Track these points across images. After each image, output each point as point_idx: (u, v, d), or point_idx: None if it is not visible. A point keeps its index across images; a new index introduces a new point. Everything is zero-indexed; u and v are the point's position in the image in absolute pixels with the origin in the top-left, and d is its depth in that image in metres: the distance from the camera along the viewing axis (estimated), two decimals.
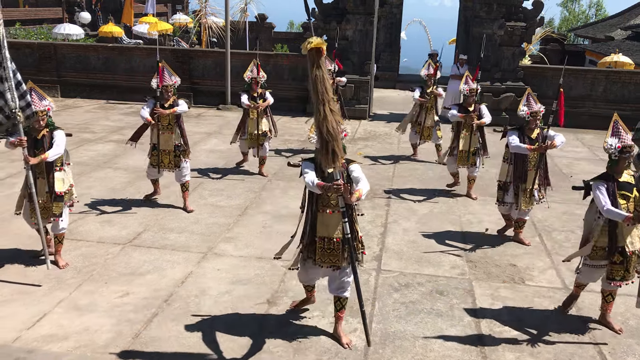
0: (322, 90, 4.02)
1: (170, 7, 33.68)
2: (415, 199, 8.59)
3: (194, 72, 15.55)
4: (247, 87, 9.10)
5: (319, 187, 4.32)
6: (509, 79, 14.30)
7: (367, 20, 14.28)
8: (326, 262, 4.65)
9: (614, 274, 4.99)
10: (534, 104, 6.61)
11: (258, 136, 9.18)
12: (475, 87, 8.36)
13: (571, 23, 47.18)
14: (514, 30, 14.04)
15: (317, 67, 4.00)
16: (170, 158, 7.63)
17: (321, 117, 4.05)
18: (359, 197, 4.31)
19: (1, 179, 8.74)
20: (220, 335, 4.89)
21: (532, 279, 6.16)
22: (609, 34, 26.09)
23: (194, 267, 6.13)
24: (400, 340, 4.91)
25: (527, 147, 6.48)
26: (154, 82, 7.50)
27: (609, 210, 4.75)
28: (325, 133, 4.07)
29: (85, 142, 11.13)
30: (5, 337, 4.73)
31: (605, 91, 14.46)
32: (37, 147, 5.68)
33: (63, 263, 6.04)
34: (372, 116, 14.95)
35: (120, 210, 7.67)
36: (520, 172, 6.67)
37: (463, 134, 8.37)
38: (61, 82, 15.64)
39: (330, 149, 4.10)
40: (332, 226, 4.60)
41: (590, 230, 5.15)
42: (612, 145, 4.87)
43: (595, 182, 4.93)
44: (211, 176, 9.32)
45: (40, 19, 24.35)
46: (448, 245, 6.95)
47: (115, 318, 5.09)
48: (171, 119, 7.55)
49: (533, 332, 5.13)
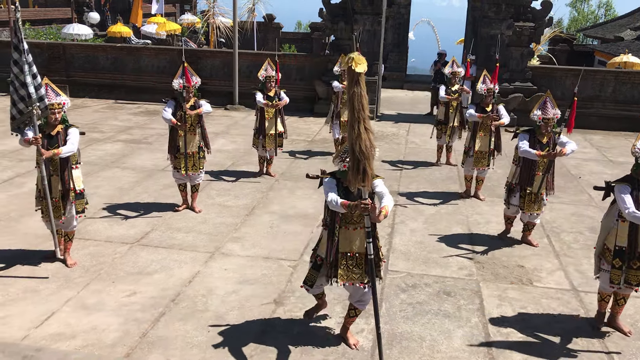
0: (359, 107, 3.94)
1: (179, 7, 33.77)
2: (422, 199, 8.57)
3: (202, 72, 15.54)
4: (262, 86, 8.98)
5: (343, 207, 4.20)
6: (517, 80, 14.24)
7: (375, 20, 14.27)
8: (349, 278, 4.52)
9: (630, 278, 4.87)
10: (550, 109, 6.42)
11: (275, 136, 9.07)
12: (493, 87, 8.26)
13: (580, 23, 46.95)
14: (522, 31, 13.98)
15: (357, 84, 3.93)
16: (195, 160, 7.49)
17: (355, 134, 3.97)
18: (386, 214, 4.21)
19: (10, 179, 8.79)
20: (227, 334, 4.90)
21: (540, 281, 6.13)
22: (618, 34, 25.92)
23: (201, 267, 6.14)
24: (407, 341, 4.90)
25: (536, 152, 6.40)
26: (176, 82, 7.27)
27: (633, 213, 4.60)
28: (357, 152, 3.98)
29: (93, 141, 11.19)
30: (13, 335, 4.76)
31: (614, 92, 14.37)
32: (51, 144, 5.71)
33: (72, 262, 6.07)
34: (380, 116, 14.94)
35: (128, 209, 7.70)
36: (527, 175, 6.61)
37: (480, 135, 8.26)
38: (70, 81, 15.73)
39: (361, 167, 4.02)
40: (354, 242, 4.50)
41: (606, 234, 5.04)
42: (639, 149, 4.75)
43: (619, 184, 4.82)
44: (219, 176, 9.34)
45: (50, 19, 24.47)
46: (455, 246, 6.92)
47: (122, 317, 5.11)
48: (194, 120, 7.40)
49: (541, 333, 5.10)
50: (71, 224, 6.01)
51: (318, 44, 24.72)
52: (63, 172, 5.80)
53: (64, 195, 5.84)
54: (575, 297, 5.77)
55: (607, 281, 5.00)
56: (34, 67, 5.49)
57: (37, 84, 5.48)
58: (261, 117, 9.02)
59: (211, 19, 22.54)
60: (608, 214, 5.08)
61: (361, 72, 3.90)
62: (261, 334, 4.92)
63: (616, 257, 4.89)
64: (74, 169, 5.91)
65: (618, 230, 4.88)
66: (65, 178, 5.81)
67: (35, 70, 5.51)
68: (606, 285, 5.05)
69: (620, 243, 4.87)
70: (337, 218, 4.44)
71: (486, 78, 8.36)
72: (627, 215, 4.67)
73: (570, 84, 14.42)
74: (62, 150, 5.66)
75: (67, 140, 5.76)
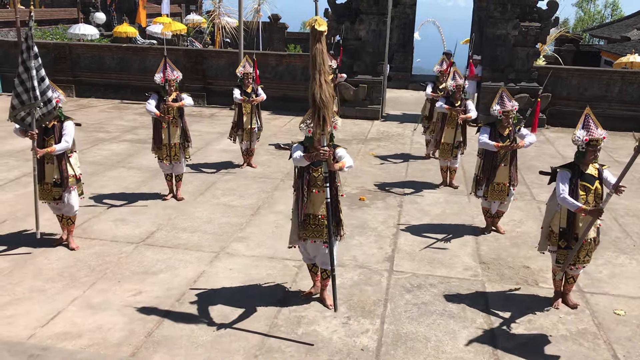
0: (320, 61, 4.48)
1: (184, 7, 33.84)
2: (427, 199, 8.56)
3: (207, 72, 15.61)
4: (240, 82, 9.35)
5: (305, 159, 4.75)
6: (523, 80, 14.19)
7: (380, 20, 14.26)
8: (311, 236, 5.06)
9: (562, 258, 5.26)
10: (507, 102, 6.79)
11: (251, 131, 9.47)
12: (462, 84, 8.67)
13: (586, 23, 46.77)
14: (528, 31, 13.94)
15: (318, 42, 4.48)
16: (176, 150, 7.86)
17: (317, 84, 4.49)
18: (342, 166, 4.77)
19: (17, 178, 8.83)
20: (232, 334, 4.90)
21: (545, 282, 6.11)
22: (624, 34, 25.80)
23: (206, 267, 6.15)
24: (412, 342, 4.89)
25: (494, 144, 6.75)
26: (157, 76, 7.71)
27: (565, 198, 4.99)
28: (318, 100, 4.50)
29: (99, 141, 11.22)
30: (20, 334, 4.79)
31: (620, 92, 14.31)
32: (46, 135, 6.02)
33: (74, 245, 6.40)
34: (385, 117, 14.93)
35: (134, 209, 7.73)
36: (488, 167, 6.91)
37: (447, 128, 8.70)
38: (76, 82, 15.80)
39: (321, 115, 4.53)
40: (317, 204, 5.00)
41: (552, 216, 5.35)
42: (580, 137, 5.06)
43: (561, 170, 5.16)
44: (224, 176, 9.35)
45: (56, 19, 24.55)
46: (461, 246, 6.91)
47: (128, 316, 5.12)
48: (176, 113, 7.79)
49: (546, 334, 5.09)
50: (73, 208, 6.35)
51: None
52: (60, 162, 6.10)
53: (62, 182, 6.14)
54: (581, 297, 5.75)
55: (554, 261, 5.41)
56: (42, 70, 5.66)
57: (45, 87, 5.68)
58: (239, 112, 9.45)
59: (217, 19, 22.58)
60: (552, 197, 5.37)
61: (322, 30, 4.47)
62: (266, 334, 4.92)
63: (561, 238, 5.24)
64: (70, 157, 6.22)
65: (561, 214, 5.22)
66: (62, 167, 6.10)
67: (44, 73, 5.70)
68: (554, 264, 5.43)
69: (562, 225, 5.21)
70: (305, 181, 4.94)
71: (456, 75, 8.77)
72: (559, 199, 5.06)
73: (577, 84, 14.38)
74: (56, 148, 5.95)
75: (62, 135, 6.03)
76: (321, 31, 4.47)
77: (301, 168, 4.95)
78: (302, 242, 5.18)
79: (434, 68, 10.45)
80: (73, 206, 6.33)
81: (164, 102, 7.68)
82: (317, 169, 4.94)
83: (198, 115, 13.69)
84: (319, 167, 4.91)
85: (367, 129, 13.41)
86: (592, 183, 5.09)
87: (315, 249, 5.20)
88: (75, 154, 6.39)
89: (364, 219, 7.57)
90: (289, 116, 14.00)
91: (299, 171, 5.01)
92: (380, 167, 10.15)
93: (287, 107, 14.32)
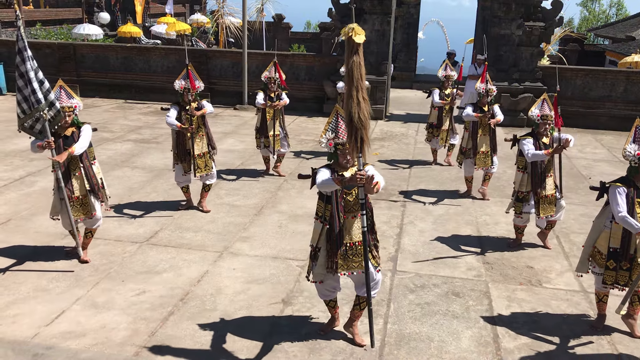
0: (358, 76, 4.00)
1: (188, 7, 33.89)
2: (431, 199, 8.55)
3: (211, 72, 15.63)
4: (264, 86, 9.05)
5: (336, 183, 4.20)
6: (528, 80, 14.16)
7: (384, 20, 14.25)
8: (349, 267, 4.54)
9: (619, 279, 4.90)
10: (547, 108, 6.48)
11: (274, 137, 9.10)
12: (491, 88, 8.27)
13: (591, 23, 46.64)
14: (532, 30, 13.91)
15: (356, 54, 3.99)
16: (205, 161, 7.50)
17: (354, 103, 4.01)
18: (378, 188, 4.20)
19: (21, 178, 8.86)
20: (236, 334, 4.91)
21: (549, 282, 6.10)
22: (629, 33, 25.69)
23: (210, 266, 6.16)
24: (416, 342, 4.89)
25: (544, 152, 6.34)
26: (177, 83, 7.29)
27: (624, 217, 4.65)
28: (356, 120, 4.02)
29: (103, 141, 11.25)
30: (24, 333, 4.80)
31: (625, 92, 14.26)
32: (67, 144, 5.73)
33: (86, 258, 6.12)
34: (389, 116, 14.91)
35: (138, 209, 7.74)
36: (538, 179, 6.51)
37: (480, 135, 8.28)
38: (80, 81, 15.81)
39: (359, 136, 4.05)
40: (352, 231, 4.53)
41: (599, 234, 5.05)
42: (631, 152, 4.76)
43: (615, 186, 4.81)
44: (228, 176, 9.36)
45: (61, 19, 24.62)
46: (464, 246, 6.90)
47: (131, 316, 5.13)
48: (200, 122, 7.44)
49: (550, 335, 5.08)
50: (97, 221, 6.09)
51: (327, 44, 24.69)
52: (87, 170, 5.87)
53: (92, 189, 5.90)
54: (585, 298, 5.74)
55: (600, 282, 5.04)
56: (40, 72, 5.47)
57: (45, 90, 5.47)
58: (262, 118, 9.10)
59: (220, 19, 22.59)
60: (600, 215, 5.08)
61: (360, 42, 3.95)
62: (269, 334, 4.93)
63: (610, 259, 4.90)
64: (93, 164, 5.99)
65: (612, 232, 4.88)
66: (90, 174, 5.88)
67: (42, 76, 5.48)
68: (599, 286, 5.09)
69: (613, 245, 4.88)
70: (341, 207, 4.43)
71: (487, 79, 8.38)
72: (618, 219, 4.70)
73: (581, 83, 14.35)
74: (75, 147, 5.65)
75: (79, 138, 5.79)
76: (359, 43, 3.97)
77: (330, 193, 4.45)
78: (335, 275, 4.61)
79: (438, 73, 10.08)
80: (99, 218, 6.10)
81: (185, 111, 7.25)
82: (351, 191, 4.46)
83: None
84: (352, 191, 4.45)
85: (371, 128, 13.38)
86: None
87: (358, 280, 4.71)
88: (97, 163, 6.12)
89: None
90: (293, 116, 14.01)
91: (327, 197, 4.48)
92: (384, 167, 10.14)
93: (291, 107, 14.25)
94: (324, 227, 4.54)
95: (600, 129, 13.70)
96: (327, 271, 4.60)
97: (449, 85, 9.88)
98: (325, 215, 4.52)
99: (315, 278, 4.69)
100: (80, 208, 5.88)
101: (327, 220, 4.51)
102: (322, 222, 4.56)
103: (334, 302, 4.94)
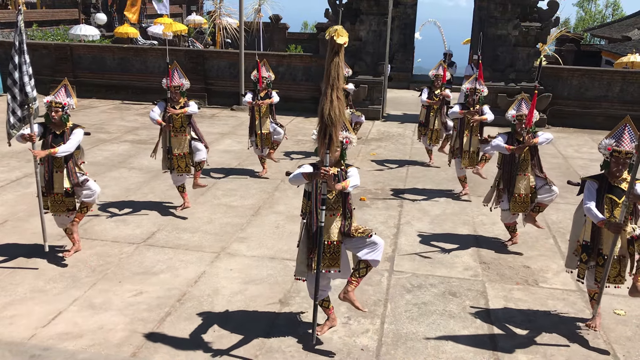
0: (335, 76, 4.11)
1: (185, 8, 33.86)
2: (428, 200, 8.56)
3: (208, 72, 15.64)
4: (254, 86, 9.12)
5: (304, 177, 4.34)
6: (524, 80, 14.20)
7: (380, 20, 14.26)
8: (327, 265, 4.62)
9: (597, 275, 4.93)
10: (524, 108, 6.46)
11: (262, 136, 9.15)
12: (479, 88, 8.30)
13: (587, 23, 46.75)
14: (528, 31, 13.95)
15: (337, 55, 4.10)
16: (186, 161, 7.54)
17: (327, 100, 4.14)
18: (345, 186, 4.34)
19: (18, 179, 8.85)
20: (233, 334, 4.91)
21: (546, 281, 6.12)
22: (625, 34, 25.77)
23: (207, 267, 6.16)
24: (412, 342, 4.90)
25: (506, 147, 6.39)
26: (164, 81, 7.47)
27: (589, 209, 4.74)
28: (326, 116, 4.15)
29: (100, 142, 11.24)
30: (21, 334, 4.80)
31: (621, 92, 14.31)
32: (56, 142, 5.81)
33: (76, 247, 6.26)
34: (386, 117, 14.94)
35: (135, 209, 7.74)
36: (508, 175, 6.56)
37: (466, 134, 8.35)
38: (77, 82, 15.80)
39: (327, 133, 4.19)
40: (331, 230, 4.58)
41: (579, 229, 5.12)
42: (603, 145, 4.82)
43: (589, 181, 4.95)
44: (225, 176, 9.36)
45: (57, 20, 24.56)
46: (461, 246, 6.92)
47: (129, 317, 5.13)
48: (184, 121, 7.47)
49: (546, 334, 5.09)
50: (94, 193, 6.09)
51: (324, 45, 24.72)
52: (70, 169, 5.91)
53: (73, 190, 5.96)
54: (582, 298, 5.75)
55: (592, 278, 5.02)
56: (30, 68, 5.56)
57: (32, 85, 5.57)
58: (252, 117, 9.17)
59: (217, 20, 22.57)
60: (578, 209, 5.17)
61: (341, 43, 4.07)
62: (266, 334, 4.93)
63: (583, 252, 4.99)
64: (81, 164, 6.06)
65: (585, 226, 4.98)
66: (71, 174, 5.92)
67: (31, 72, 5.57)
68: (592, 282, 5.05)
69: (586, 238, 4.97)
70: (319, 204, 4.44)
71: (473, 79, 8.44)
72: (585, 209, 4.80)
73: (577, 84, 14.39)
74: (58, 150, 5.72)
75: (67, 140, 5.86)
76: (340, 44, 4.07)
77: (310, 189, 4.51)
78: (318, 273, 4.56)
79: (429, 72, 10.10)
80: (95, 191, 6.06)
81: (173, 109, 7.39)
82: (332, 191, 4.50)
83: (199, 116, 13.63)
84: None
85: (368, 129, 13.41)
86: (619, 197, 4.75)
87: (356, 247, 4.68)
88: (84, 165, 6.18)
89: (365, 219, 7.57)
90: (290, 116, 14.01)
91: (309, 194, 4.55)
92: (381, 167, 10.16)
93: (287, 108, 14.31)
94: (304, 223, 4.63)
95: (597, 129, 13.73)
96: (307, 269, 4.64)
97: (439, 85, 9.90)
98: (306, 211, 4.62)
99: (297, 274, 4.72)
100: (61, 205, 5.98)
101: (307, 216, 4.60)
102: (303, 218, 4.68)
103: (328, 302, 4.93)
